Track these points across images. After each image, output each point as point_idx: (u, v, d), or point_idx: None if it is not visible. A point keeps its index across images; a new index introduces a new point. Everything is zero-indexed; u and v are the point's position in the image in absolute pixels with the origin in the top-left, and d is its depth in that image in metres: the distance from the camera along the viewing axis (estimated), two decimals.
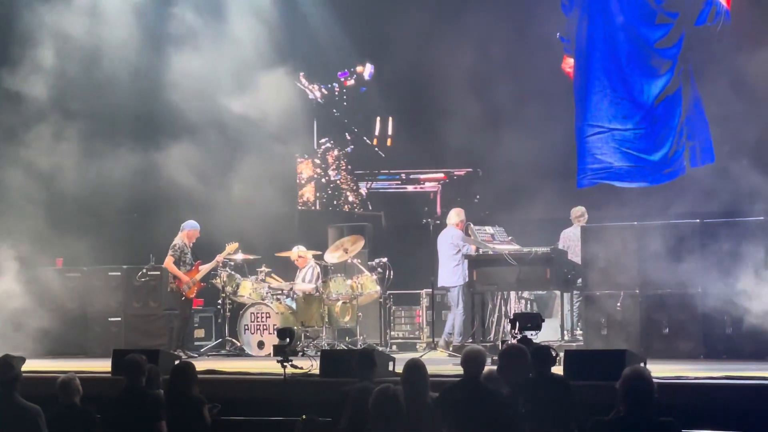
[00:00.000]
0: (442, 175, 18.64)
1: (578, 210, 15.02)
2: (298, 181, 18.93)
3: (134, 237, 17.52)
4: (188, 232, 15.17)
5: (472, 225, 14.76)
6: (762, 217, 12.74)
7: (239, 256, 15.51)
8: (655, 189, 16.90)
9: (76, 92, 16.65)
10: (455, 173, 18.52)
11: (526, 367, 7.81)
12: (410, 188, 18.87)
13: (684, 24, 16.83)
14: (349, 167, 19.27)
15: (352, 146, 19.07)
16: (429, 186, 18.72)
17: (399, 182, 18.92)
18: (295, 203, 19.06)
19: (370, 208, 19.01)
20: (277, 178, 17.31)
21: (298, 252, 15.80)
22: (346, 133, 18.96)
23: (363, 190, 19.13)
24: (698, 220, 12.98)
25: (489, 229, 14.50)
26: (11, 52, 16.55)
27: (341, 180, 19.14)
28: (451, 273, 14.54)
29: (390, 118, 19.06)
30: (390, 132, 19.07)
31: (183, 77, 16.54)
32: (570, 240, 14.54)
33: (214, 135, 16.79)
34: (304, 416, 8.88)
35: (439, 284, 14.81)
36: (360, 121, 19.14)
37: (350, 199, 19.16)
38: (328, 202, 19.29)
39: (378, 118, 19.12)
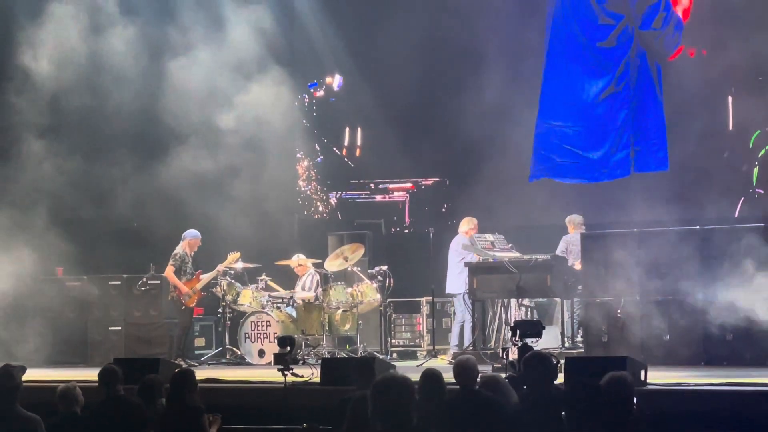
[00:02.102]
0: (410, 184, 18.69)
1: (578, 217, 15.03)
2: None
3: (134, 246, 17.52)
4: (189, 241, 15.18)
5: (461, 233, 14.80)
6: (762, 224, 12.76)
7: (239, 265, 15.52)
8: (603, 188, 16.89)
9: (75, 101, 16.65)
10: (423, 183, 18.58)
11: (551, 375, 7.79)
12: (379, 198, 18.92)
13: (630, 27, 16.83)
14: (319, 177, 19.31)
15: (322, 157, 19.09)
16: (397, 196, 18.78)
17: (368, 192, 18.96)
18: (295, 211, 19.07)
19: (340, 218, 19.08)
20: (277, 186, 17.34)
21: (298, 260, 15.81)
22: (316, 144, 18.97)
23: (333, 200, 19.16)
24: (698, 227, 13.00)
25: (489, 237, 14.52)
26: (9, 62, 16.57)
27: (311, 190, 19.17)
28: (455, 280, 14.75)
29: (359, 129, 19.11)
30: (359, 142, 19.12)
31: (182, 86, 16.58)
32: (572, 245, 14.55)
33: (214, 143, 16.80)
34: (305, 425, 8.87)
35: (446, 291, 14.96)
36: (329, 132, 19.15)
37: (320, 209, 19.20)
38: (299, 212, 19.36)
39: (347, 129, 19.17)
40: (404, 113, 18.13)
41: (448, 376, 8.10)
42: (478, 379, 8.16)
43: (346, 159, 19.19)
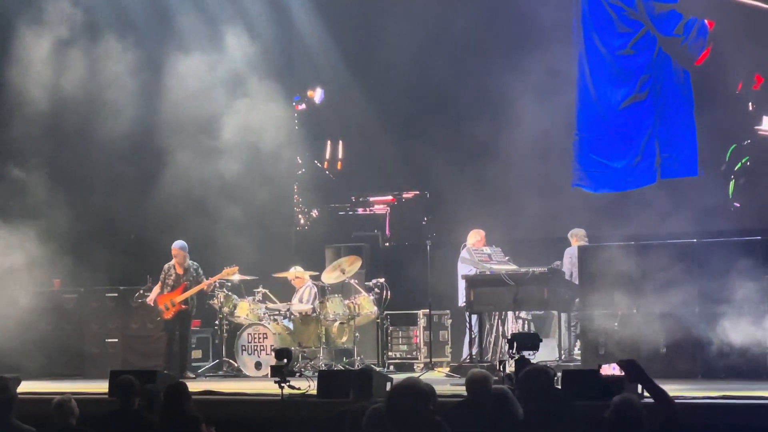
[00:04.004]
0: (390, 197, 18.70)
1: (581, 231, 15.04)
2: None
3: (131, 258, 17.52)
4: (172, 252, 15.24)
5: (469, 246, 14.79)
6: (759, 237, 12.77)
7: (236, 277, 15.51)
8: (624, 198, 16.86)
9: (73, 113, 16.68)
10: (404, 196, 18.58)
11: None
12: (360, 211, 18.93)
13: (651, 34, 16.83)
14: (301, 190, 19.29)
15: (303, 170, 19.09)
16: (378, 208, 18.78)
17: (349, 205, 18.96)
18: (292, 223, 19.07)
19: (323, 230, 19.05)
20: (274, 198, 17.36)
21: (295, 272, 15.81)
22: (298, 157, 18.98)
23: (314, 213, 19.16)
24: (695, 240, 13.01)
25: (486, 250, 14.53)
26: (8, 72, 16.62)
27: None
28: (460, 293, 14.68)
29: (340, 142, 19.13)
30: (340, 155, 19.14)
31: (178, 98, 16.62)
32: (576, 258, 14.56)
33: (211, 156, 16.82)
34: None
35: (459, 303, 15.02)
36: (310, 144, 19.16)
37: (302, 221, 19.21)
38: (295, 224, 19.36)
39: (329, 142, 19.18)
40: (386, 127, 18.13)
41: (444, 388, 8.10)
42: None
43: (327, 172, 19.19)
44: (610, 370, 10.10)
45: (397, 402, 5.84)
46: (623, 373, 7.20)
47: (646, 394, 9.67)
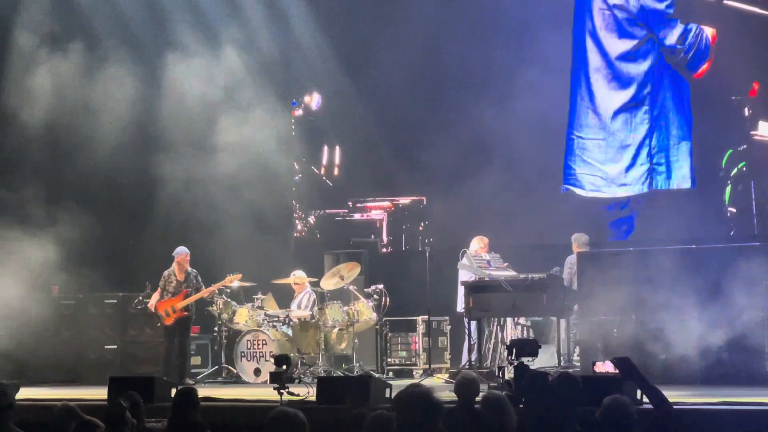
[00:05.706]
0: (388, 203, 18.69)
1: (584, 236, 15.02)
2: None
3: (130, 264, 17.52)
4: (177, 258, 15.26)
5: (468, 252, 14.78)
6: (758, 243, 12.77)
7: (235, 284, 15.52)
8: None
9: (71, 120, 16.71)
10: (401, 201, 18.58)
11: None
12: (357, 216, 18.93)
13: (654, 43, 16.87)
14: (298, 196, 19.32)
15: (300, 175, 19.10)
16: (375, 214, 18.78)
17: (346, 211, 18.97)
18: (290, 230, 19.08)
19: (318, 236, 19.08)
20: (272, 203, 17.36)
21: (294, 279, 15.80)
22: (294, 163, 19.00)
23: (311, 219, 19.18)
24: (694, 246, 13.01)
25: (485, 256, 14.52)
26: (10, 71, 16.66)
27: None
28: (459, 299, 14.67)
29: (337, 147, 19.14)
30: (337, 161, 19.15)
31: (177, 104, 16.65)
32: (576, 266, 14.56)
33: (210, 161, 16.83)
34: None
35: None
36: (307, 150, 19.18)
37: (299, 227, 19.22)
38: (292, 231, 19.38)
39: (325, 147, 19.20)
40: (383, 132, 18.16)
41: (443, 395, 8.08)
42: (479, 398, 8.14)
43: (324, 178, 19.21)
44: (605, 367, 10.07)
45: (407, 412, 5.82)
46: (617, 371, 7.22)
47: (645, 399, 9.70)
